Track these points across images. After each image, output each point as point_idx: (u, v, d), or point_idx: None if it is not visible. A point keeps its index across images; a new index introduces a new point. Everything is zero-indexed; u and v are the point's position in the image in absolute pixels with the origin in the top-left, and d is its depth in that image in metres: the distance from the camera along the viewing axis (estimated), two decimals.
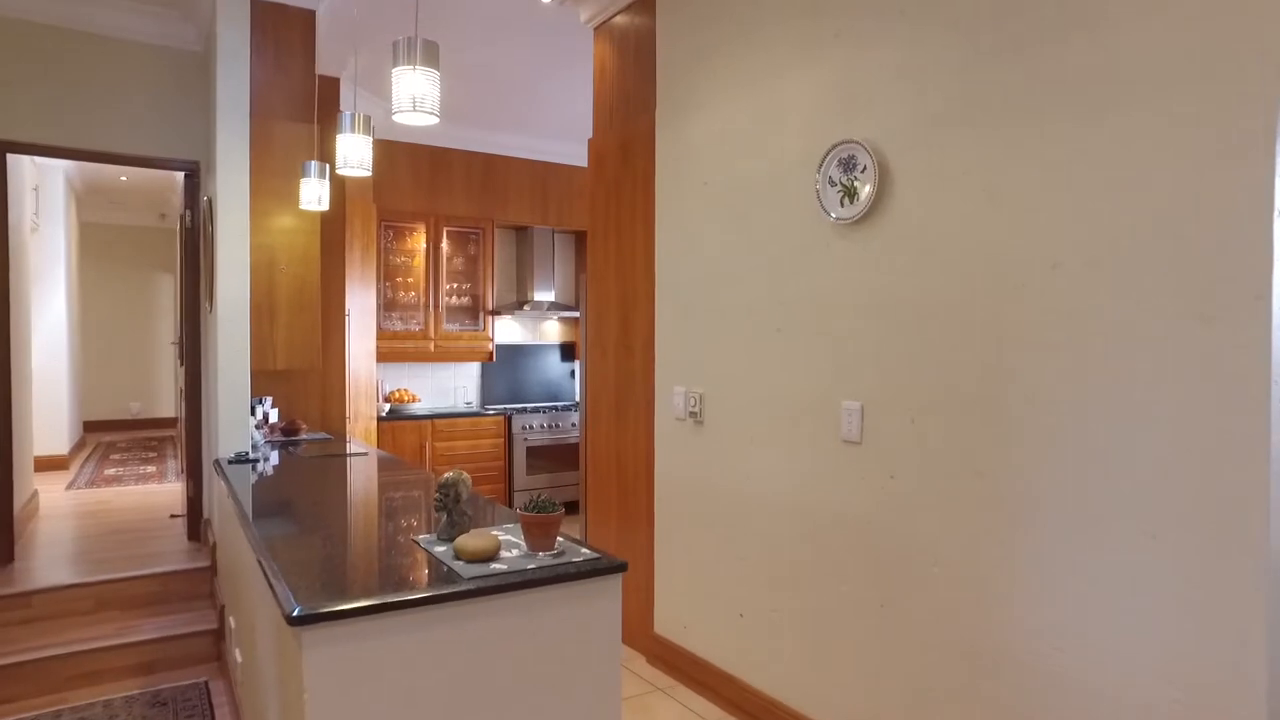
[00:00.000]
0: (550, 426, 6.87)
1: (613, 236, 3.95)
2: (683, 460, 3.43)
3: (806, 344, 2.78)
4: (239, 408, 3.76)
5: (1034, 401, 2.06)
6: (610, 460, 3.99)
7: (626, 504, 3.86)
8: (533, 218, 7.13)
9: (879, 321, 2.50)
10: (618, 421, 3.92)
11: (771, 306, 2.94)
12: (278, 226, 3.91)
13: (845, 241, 2.63)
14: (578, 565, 1.90)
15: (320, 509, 2.57)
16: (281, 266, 3.90)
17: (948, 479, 2.29)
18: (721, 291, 3.20)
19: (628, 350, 3.84)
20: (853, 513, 2.60)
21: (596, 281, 4.09)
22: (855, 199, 2.57)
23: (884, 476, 2.49)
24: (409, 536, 2.19)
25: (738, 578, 3.11)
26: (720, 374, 3.21)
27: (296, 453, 3.97)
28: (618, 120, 3.93)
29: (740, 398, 3.10)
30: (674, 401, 3.48)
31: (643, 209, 3.72)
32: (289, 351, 3.94)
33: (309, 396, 4.87)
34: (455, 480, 2.12)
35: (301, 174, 3.54)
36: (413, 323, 6.61)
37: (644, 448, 3.72)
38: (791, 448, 2.85)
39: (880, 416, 2.50)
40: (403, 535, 2.22)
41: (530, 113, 6.35)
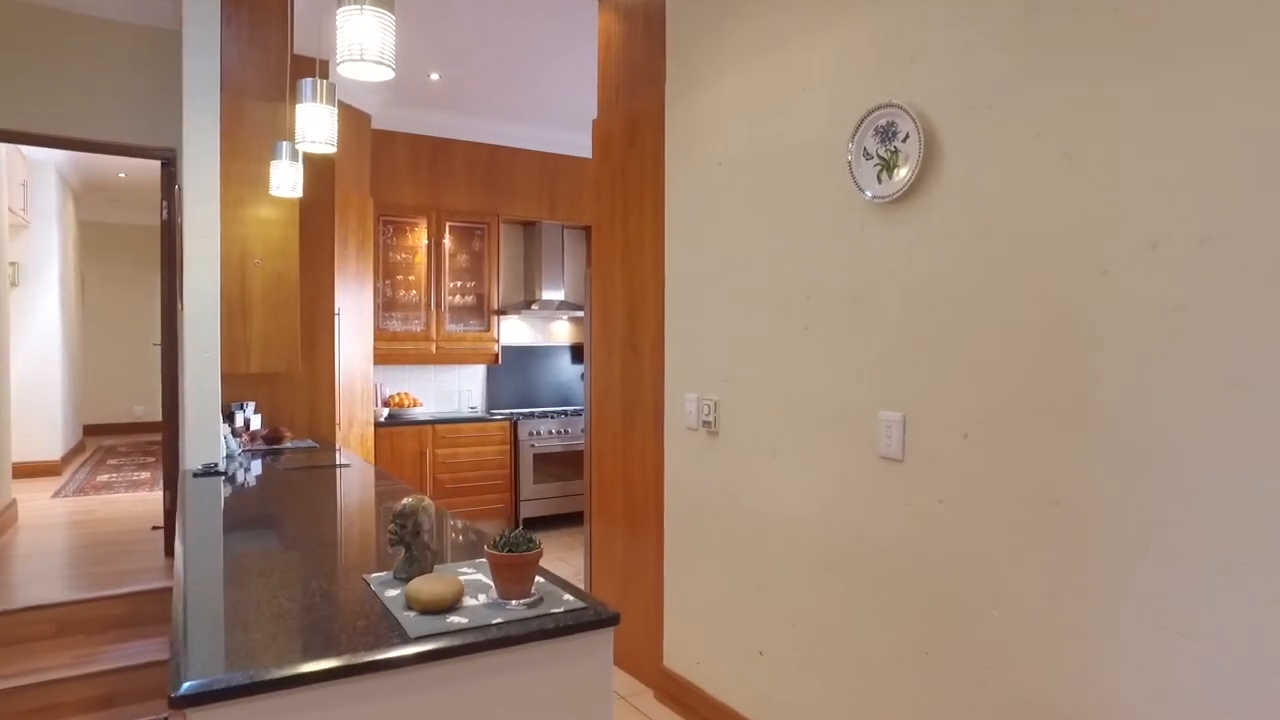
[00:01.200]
0: (559, 432, 6.51)
1: (619, 226, 3.58)
2: (695, 474, 3.06)
3: (837, 343, 2.39)
4: (208, 415, 3.42)
5: (1128, 414, 1.67)
6: (616, 471, 3.62)
7: (634, 519, 3.48)
8: (540, 212, 6.77)
9: (924, 317, 2.11)
10: (624, 429, 3.55)
11: (796, 301, 2.55)
12: (252, 216, 3.57)
13: (883, 223, 2.24)
14: (556, 618, 1.52)
15: (272, 536, 2.22)
16: (256, 260, 3.56)
17: (1012, 507, 1.89)
18: (738, 285, 2.82)
19: (634, 351, 3.47)
20: (893, 542, 2.21)
21: (601, 276, 3.72)
22: (895, 173, 2.18)
23: (931, 501, 2.10)
24: (362, 574, 1.83)
25: (757, 610, 2.73)
26: (737, 378, 2.83)
27: (275, 464, 3.64)
28: (624, 97, 3.56)
29: (760, 405, 2.72)
30: (685, 408, 3.10)
31: (651, 194, 3.34)
32: (264, 353, 3.60)
33: (295, 401, 4.54)
34: (414, 508, 1.76)
35: (272, 156, 3.20)
36: (414, 323, 6.28)
37: (652, 458, 3.35)
38: (820, 464, 2.46)
39: (926, 430, 2.11)
40: (356, 572, 1.86)
41: (537, 101, 6.00)
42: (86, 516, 5.47)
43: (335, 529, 2.30)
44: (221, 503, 2.74)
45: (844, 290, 2.37)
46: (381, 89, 5.65)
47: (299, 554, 2.02)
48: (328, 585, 1.75)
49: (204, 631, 1.45)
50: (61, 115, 3.84)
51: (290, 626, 1.48)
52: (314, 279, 4.56)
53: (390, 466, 5.85)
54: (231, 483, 3.17)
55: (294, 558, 1.98)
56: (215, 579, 1.80)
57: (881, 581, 2.25)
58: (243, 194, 3.52)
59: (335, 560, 1.96)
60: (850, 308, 2.35)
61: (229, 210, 3.50)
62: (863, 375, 2.30)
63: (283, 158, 3.12)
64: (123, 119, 3.97)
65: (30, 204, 7.11)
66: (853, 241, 2.34)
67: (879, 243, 2.26)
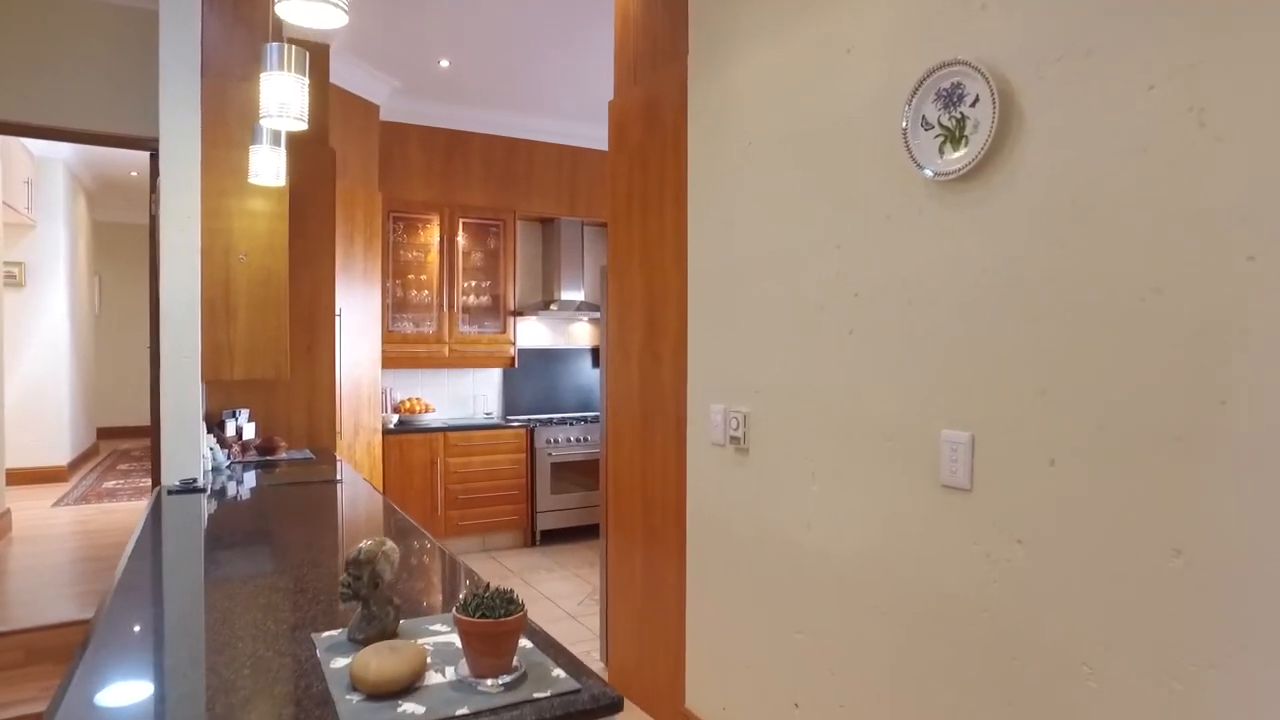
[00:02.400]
0: (579, 440, 6.17)
1: (636, 218, 3.24)
2: (721, 495, 2.70)
3: (890, 350, 2.03)
4: (187, 425, 3.13)
5: (1276, 442, 1.29)
6: (634, 487, 3.27)
7: (653, 540, 3.13)
8: (559, 208, 6.45)
9: (998, 317, 1.74)
10: (643, 442, 3.20)
11: (840, 300, 2.19)
12: (236, 208, 3.28)
13: (946, 205, 1.88)
14: (540, 707, 1.18)
15: (224, 574, 1.90)
16: (240, 255, 3.26)
17: (1117, 555, 1.52)
18: (772, 282, 2.46)
19: (655, 356, 3.12)
20: (956, 587, 1.84)
21: (618, 274, 3.38)
22: (962, 143, 1.81)
23: (1006, 541, 1.72)
24: (313, 633, 1.50)
25: (792, 655, 2.37)
26: (770, 389, 2.47)
27: (263, 479, 3.34)
28: (642, 73, 3.21)
29: (797, 421, 2.36)
30: (710, 422, 2.74)
31: (673, 182, 2.99)
32: (250, 357, 3.30)
33: (293, 408, 4.24)
34: (372, 554, 1.42)
35: (252, 140, 2.89)
36: (425, 325, 5.98)
37: (674, 475, 3.00)
38: (867, 491, 2.10)
39: (1000, 454, 1.74)
40: (309, 628, 1.53)
41: (555, 90, 5.67)
42: (83, 527, 5.23)
43: (299, 566, 1.97)
44: (183, 528, 2.43)
45: (898, 286, 2.00)
46: (390, 78, 5.35)
47: (245, 601, 1.69)
48: (265, 650, 1.41)
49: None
50: (37, 101, 3.57)
51: (189, 718, 1.15)
52: (313, 277, 4.27)
53: (399, 477, 5.55)
54: (209, 501, 2.87)
55: (238, 606, 1.66)
56: (130, 640, 1.48)
57: (941, 633, 1.88)
58: (226, 183, 3.22)
59: (287, 611, 1.63)
60: (905, 307, 1.98)
61: (211, 201, 3.21)
62: (921, 388, 1.94)
63: (263, 142, 2.81)
64: (105, 106, 3.69)
65: (36, 202, 6.92)
66: (909, 228, 1.98)
67: (941, 229, 1.89)
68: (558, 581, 5.20)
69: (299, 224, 4.21)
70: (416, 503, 5.62)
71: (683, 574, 2.93)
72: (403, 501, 5.56)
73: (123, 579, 1.84)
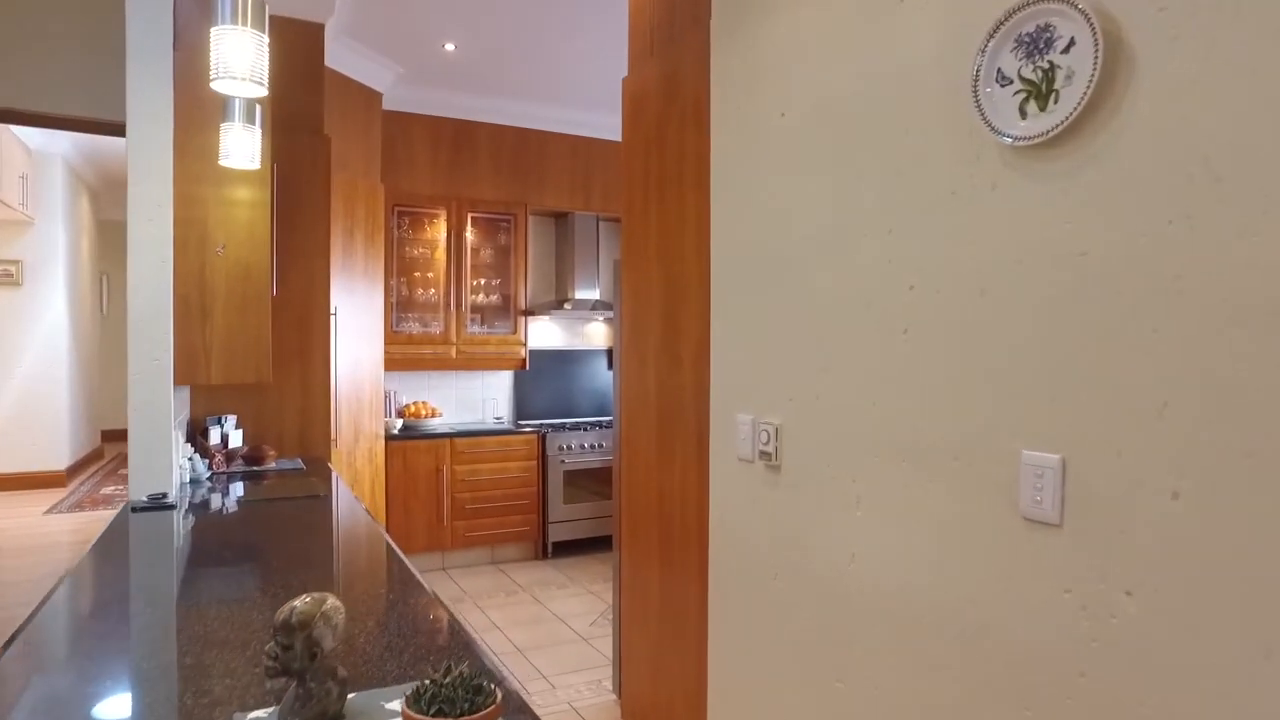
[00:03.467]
0: (594, 446, 5.86)
1: (653, 204, 2.91)
2: (748, 518, 2.37)
3: (955, 353, 1.69)
4: (157, 435, 2.84)
5: None
6: (650, 503, 2.94)
7: (670, 561, 2.81)
8: (573, 202, 6.14)
9: (1101, 313, 1.40)
10: (660, 453, 2.88)
11: (892, 293, 1.85)
12: (212, 196, 2.98)
13: (1029, 177, 1.54)
14: None
15: (152, 625, 1.59)
16: (217, 248, 2.97)
17: (1267, 617, 1.18)
18: (808, 273, 2.13)
19: (673, 359, 2.79)
20: (1041, 642, 1.50)
21: (633, 268, 3.05)
22: (1051, 100, 1.47)
23: (1112, 591, 1.38)
24: (236, 712, 1.19)
25: (831, 708, 2.03)
26: (806, 397, 2.14)
27: (244, 493, 3.05)
28: (660, 44, 2.89)
29: (839, 435, 2.02)
30: (737, 434, 2.41)
31: (693, 162, 2.67)
32: (228, 360, 3.00)
33: (285, 413, 3.95)
34: (307, 618, 1.10)
35: (224, 117, 2.59)
36: (432, 325, 5.69)
37: (694, 492, 2.67)
38: (927, 520, 1.76)
39: (1102, 482, 1.40)
40: (232, 705, 1.22)
41: (568, 77, 5.36)
42: (72, 537, 4.98)
43: (246, 612, 1.66)
44: (132, 557, 2.13)
45: (965, 277, 1.67)
46: (393, 63, 5.06)
47: (165, 665, 1.39)
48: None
49: None
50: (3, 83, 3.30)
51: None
52: (307, 273, 3.98)
53: (402, 485, 5.26)
54: (182, 519, 2.58)
55: (155, 672, 1.35)
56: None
57: (1019, 698, 1.54)
58: (202, 169, 2.93)
59: (215, 678, 1.32)
60: (974, 301, 1.64)
61: (184, 188, 2.92)
62: (996, 399, 1.60)
63: (235, 119, 2.52)
64: (80, 87, 3.42)
65: (34, 199, 6.69)
66: (979, 206, 1.64)
67: (1022, 206, 1.55)
68: (569, 598, 4.88)
69: (291, 217, 3.93)
70: (421, 513, 5.32)
71: (703, 602, 2.60)
72: (406, 512, 5.27)
73: (29, 630, 1.53)
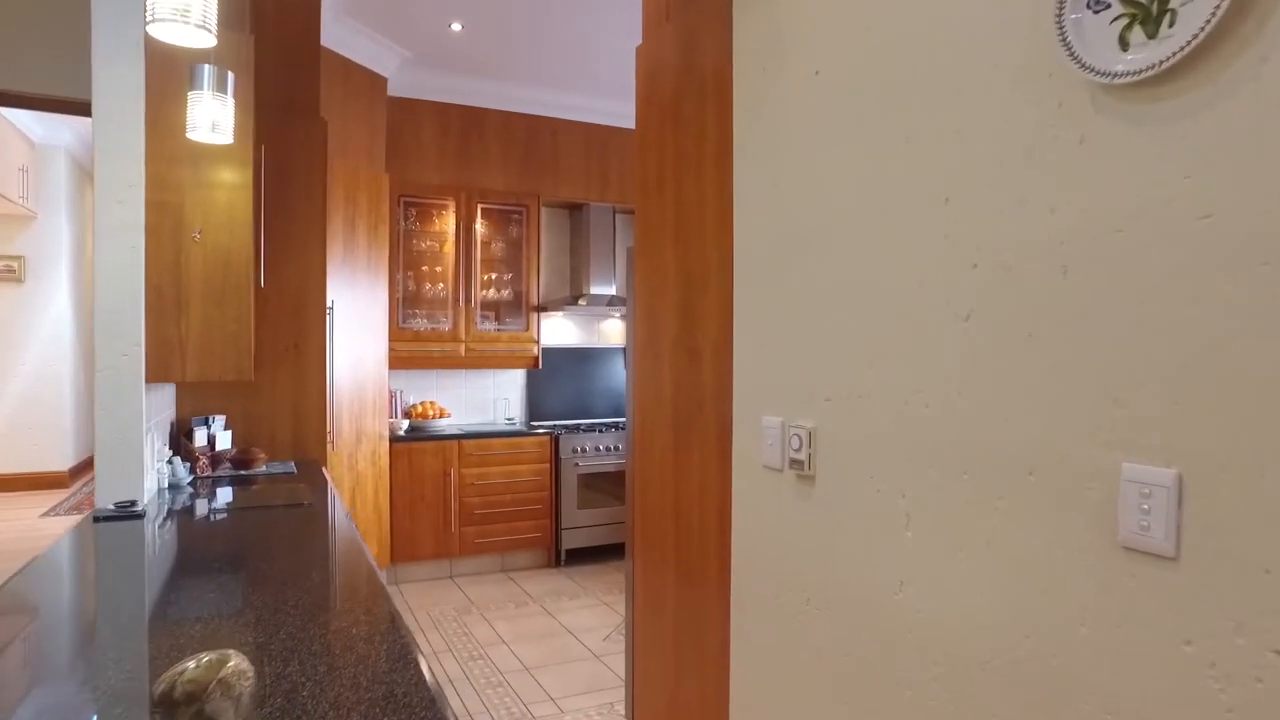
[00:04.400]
0: (610, 449, 5.59)
1: (669, 184, 2.63)
2: (776, 534, 2.08)
3: (1031, 342, 1.39)
4: (126, 436, 2.60)
5: None
6: (665, 513, 2.66)
7: (689, 578, 2.52)
8: (588, 193, 5.87)
9: (1224, 288, 1.10)
10: (676, 459, 2.60)
11: (950, 272, 1.56)
12: (189, 178, 2.74)
13: (1130, 123, 1.24)
14: None
15: (60, 670, 1.33)
16: (194, 234, 2.72)
17: None
18: (848, 254, 1.83)
19: (690, 354, 2.51)
20: (1156, 708, 1.20)
21: (647, 255, 2.77)
22: (1166, 23, 1.18)
23: (1254, 648, 1.08)
24: None
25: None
26: (846, 397, 1.84)
27: (226, 498, 2.81)
28: (675, 6, 2.60)
29: (884, 441, 1.73)
30: (763, 438, 2.12)
31: (714, 134, 2.38)
32: (204, 356, 2.76)
33: (278, 413, 3.71)
34: (196, 689, 0.85)
35: (191, 85, 2.33)
36: (440, 321, 5.44)
37: (715, 503, 2.38)
38: (997, 547, 1.46)
39: (1236, 504, 1.10)
40: None
41: (583, 62, 5.09)
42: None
43: (170, 658, 1.40)
44: (74, 577, 1.88)
45: (1043, 252, 1.37)
46: (397, 46, 4.81)
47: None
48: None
49: None
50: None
51: None
52: (301, 265, 3.73)
53: (408, 489, 5.01)
54: (155, 530, 2.33)
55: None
56: None
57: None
58: (174, 147, 2.69)
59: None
60: (1056, 281, 1.35)
61: (158, 168, 2.67)
62: (1086, 399, 1.30)
63: (204, 87, 2.26)
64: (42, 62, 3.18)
65: (36, 193, 6.52)
66: (1062, 163, 1.34)
67: (1121, 160, 1.25)
68: (582, 610, 4.61)
69: (284, 205, 3.68)
70: (427, 518, 5.07)
71: (725, 624, 2.31)
72: (412, 517, 5.02)
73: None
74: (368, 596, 1.71)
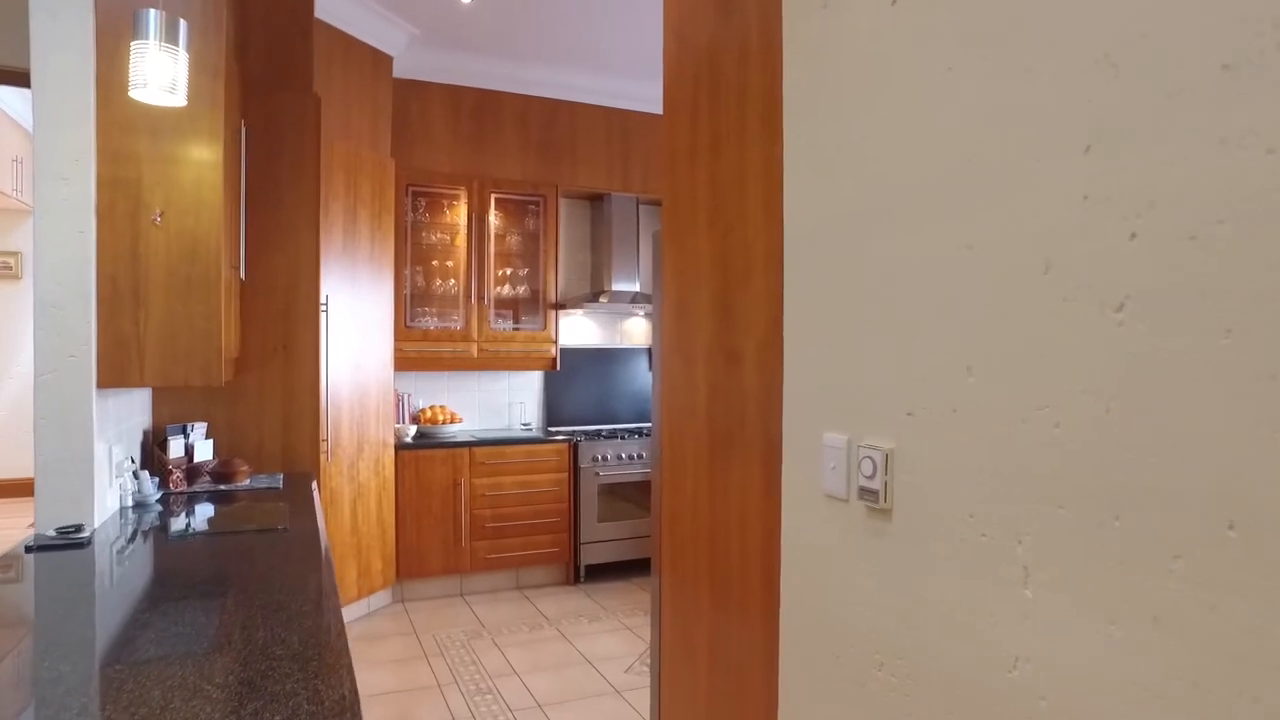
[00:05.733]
0: (633, 457, 5.20)
1: (703, 152, 2.24)
2: (840, 578, 1.67)
3: (1232, 345, 0.98)
4: (71, 452, 2.24)
5: None
6: (698, 540, 2.27)
7: (725, 617, 2.12)
8: (610, 182, 5.49)
9: None
10: (711, 480, 2.20)
11: (1092, 246, 1.14)
12: (149, 150, 2.38)
13: None
14: None
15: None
16: (153, 216, 2.36)
17: None
18: (941, 225, 1.42)
19: (730, 357, 2.11)
20: None
21: (677, 240, 2.38)
22: None
23: None
24: None
25: None
26: (938, 411, 1.43)
27: (193, 521, 2.46)
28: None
29: (994, 469, 1.32)
30: (823, 460, 1.72)
31: (759, 89, 1.98)
32: (166, 357, 2.40)
33: (265, 420, 3.36)
34: None
35: (134, 34, 1.97)
36: (451, 320, 5.08)
37: (758, 534, 1.98)
38: (1175, 624, 1.05)
39: None
40: None
41: (602, 38, 4.70)
42: None
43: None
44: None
45: (1251, 210, 0.95)
46: (404, 21, 4.45)
47: None
48: None
49: None
50: None
51: None
52: (290, 255, 3.38)
53: (414, 500, 4.65)
54: (76, 565, 1.97)
55: None
56: None
57: None
58: (132, 114, 2.33)
59: None
60: (1275, 252, 0.93)
61: (111, 139, 2.32)
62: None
63: (149, 35, 1.90)
64: None
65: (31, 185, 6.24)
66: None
67: None
68: (602, 635, 4.22)
69: (270, 189, 3.33)
70: (436, 532, 4.71)
71: (770, 679, 1.91)
72: (419, 531, 4.66)
73: None
74: (322, 669, 1.33)
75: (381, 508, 4.42)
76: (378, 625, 4.36)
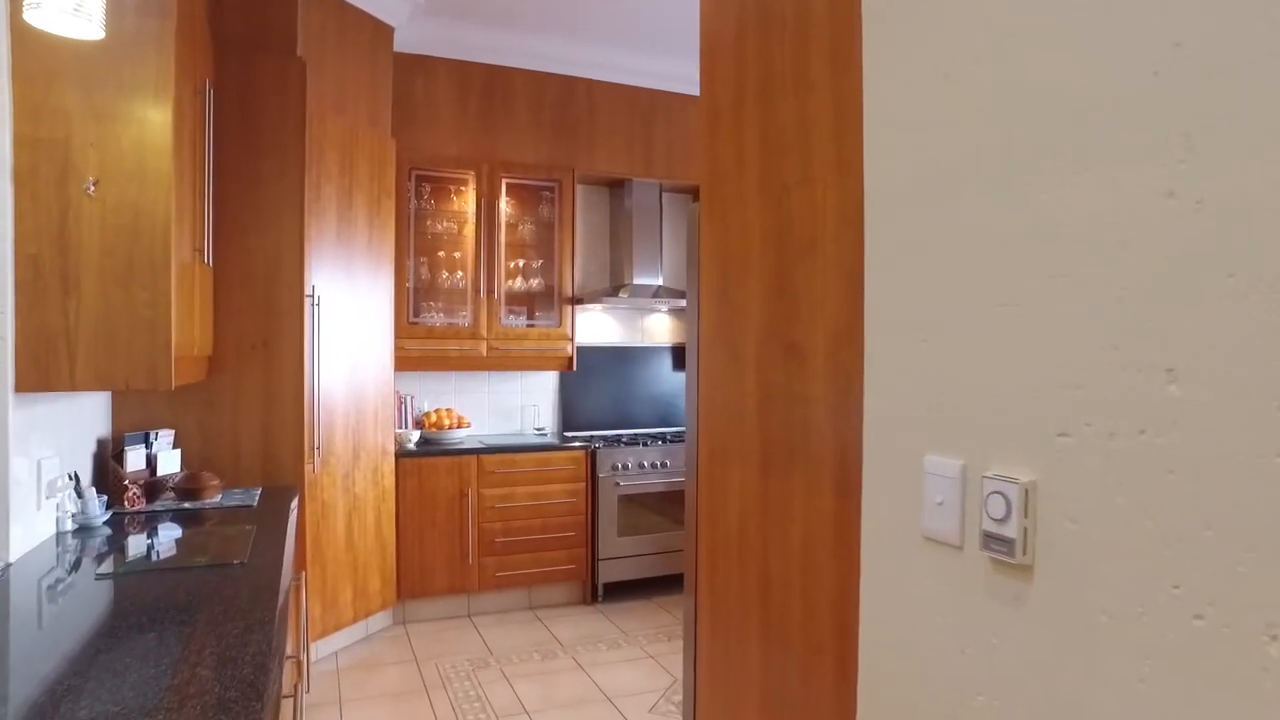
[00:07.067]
0: (656, 465, 4.77)
1: (750, 105, 1.81)
2: (948, 657, 1.24)
3: None
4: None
5: None
6: (746, 579, 1.84)
7: (782, 676, 1.70)
8: (631, 167, 5.06)
9: None
10: (765, 505, 1.77)
11: None
12: (80, 105, 1.98)
13: None
14: None
15: None
16: (86, 185, 1.96)
17: None
18: (1104, 173, 0.98)
19: (792, 353, 1.68)
20: None
21: (719, 208, 1.95)
22: None
23: None
24: None
25: None
26: (1110, 433, 0.99)
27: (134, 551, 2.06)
28: None
29: (1211, 515, 0.88)
30: (924, 493, 1.28)
31: (825, 16, 1.55)
32: (102, 354, 2.00)
33: (242, 426, 2.96)
34: None
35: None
36: (459, 316, 4.67)
37: (830, 580, 1.55)
38: None
39: None
40: None
41: (626, 9, 4.28)
42: None
43: None
44: None
45: None
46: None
47: None
48: None
49: None
50: None
51: None
52: (270, 240, 2.98)
53: (417, 513, 4.25)
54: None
55: None
56: None
57: None
58: (58, 64, 1.93)
59: None
60: None
61: (31, 90, 1.92)
62: None
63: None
64: None
65: None
66: None
67: None
68: (623, 666, 3.79)
69: (246, 163, 2.93)
70: (441, 548, 4.31)
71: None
72: (422, 546, 4.26)
73: None
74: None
75: (380, 521, 4.03)
76: (375, 651, 3.96)
